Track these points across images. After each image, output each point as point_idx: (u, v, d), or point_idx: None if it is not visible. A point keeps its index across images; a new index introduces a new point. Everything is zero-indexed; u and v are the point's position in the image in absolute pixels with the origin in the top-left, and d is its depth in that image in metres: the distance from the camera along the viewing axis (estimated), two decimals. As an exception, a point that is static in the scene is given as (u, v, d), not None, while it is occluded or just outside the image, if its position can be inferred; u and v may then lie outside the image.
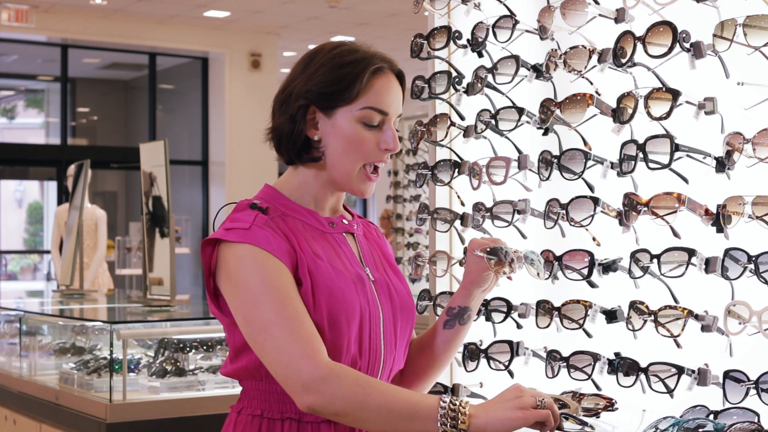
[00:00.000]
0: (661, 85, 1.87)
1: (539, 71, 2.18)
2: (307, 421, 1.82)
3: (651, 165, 1.87)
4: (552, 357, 2.10)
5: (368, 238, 1.99)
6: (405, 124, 9.37)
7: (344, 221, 1.92)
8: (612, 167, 2.00)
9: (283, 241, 1.79)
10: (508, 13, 2.24)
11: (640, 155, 1.89)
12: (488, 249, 1.95)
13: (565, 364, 2.06)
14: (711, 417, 1.75)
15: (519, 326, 2.25)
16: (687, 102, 1.84)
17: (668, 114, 1.84)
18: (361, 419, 1.68)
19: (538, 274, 2.03)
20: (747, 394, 1.72)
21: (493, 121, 2.28)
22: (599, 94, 2.02)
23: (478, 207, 2.36)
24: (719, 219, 1.78)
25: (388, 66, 1.88)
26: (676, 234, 1.85)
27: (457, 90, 2.42)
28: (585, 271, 2.01)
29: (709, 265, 1.80)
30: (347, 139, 1.84)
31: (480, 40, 2.31)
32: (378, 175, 1.88)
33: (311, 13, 12.02)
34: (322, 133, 1.86)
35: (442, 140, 2.47)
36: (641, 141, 1.89)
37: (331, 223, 1.90)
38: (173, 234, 4.95)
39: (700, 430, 1.65)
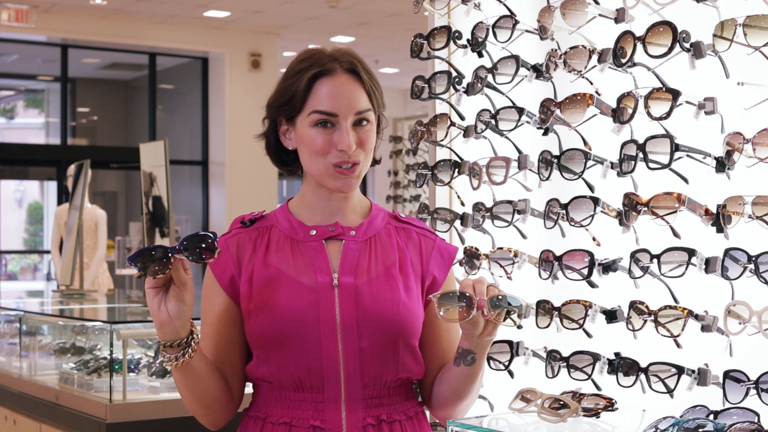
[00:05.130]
0: (661, 85, 1.87)
1: (539, 71, 2.18)
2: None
3: (651, 165, 1.87)
4: (552, 357, 2.10)
5: (376, 243, 1.94)
6: (405, 124, 9.37)
7: (330, 228, 1.93)
8: (612, 167, 2.00)
9: (230, 260, 1.92)
10: (508, 13, 2.24)
11: (640, 155, 1.88)
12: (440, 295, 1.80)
13: (565, 364, 2.05)
14: (711, 417, 1.74)
15: (519, 326, 2.24)
16: (687, 102, 1.84)
17: (668, 114, 1.83)
18: None
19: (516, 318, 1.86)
20: (747, 394, 1.72)
21: (493, 121, 2.28)
22: (599, 94, 2.01)
23: (478, 207, 2.36)
24: (719, 219, 1.77)
25: (336, 66, 1.88)
26: (676, 234, 1.85)
27: (457, 90, 2.42)
28: (585, 271, 2.01)
29: (709, 265, 1.79)
30: (307, 144, 1.88)
31: (480, 40, 2.31)
32: (353, 171, 1.87)
33: (311, 13, 12.01)
34: (294, 142, 1.93)
35: (442, 140, 2.47)
36: (641, 141, 1.89)
37: (312, 232, 1.92)
38: (173, 234, 4.96)
39: (700, 430, 1.65)
